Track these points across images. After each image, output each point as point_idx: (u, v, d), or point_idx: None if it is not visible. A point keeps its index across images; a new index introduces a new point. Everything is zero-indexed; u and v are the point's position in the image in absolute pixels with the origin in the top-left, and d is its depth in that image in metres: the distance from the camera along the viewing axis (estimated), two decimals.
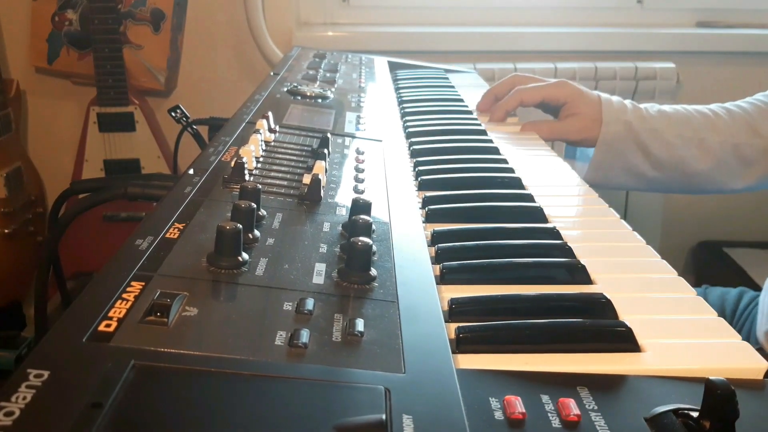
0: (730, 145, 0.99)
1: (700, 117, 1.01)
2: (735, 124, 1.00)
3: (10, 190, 1.67)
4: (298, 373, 0.36)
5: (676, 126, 0.99)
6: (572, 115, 1.02)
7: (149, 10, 1.73)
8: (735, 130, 0.99)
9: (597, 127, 0.99)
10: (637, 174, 1.01)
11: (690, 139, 0.99)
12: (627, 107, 1.00)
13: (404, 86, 1.23)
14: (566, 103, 1.02)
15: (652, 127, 0.99)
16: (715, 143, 0.99)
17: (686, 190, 1.07)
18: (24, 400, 0.31)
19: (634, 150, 0.99)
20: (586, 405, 0.37)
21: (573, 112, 1.02)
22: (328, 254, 0.50)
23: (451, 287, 0.52)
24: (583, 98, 1.01)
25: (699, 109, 1.02)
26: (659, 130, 0.99)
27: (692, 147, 0.99)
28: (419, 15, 1.89)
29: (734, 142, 0.99)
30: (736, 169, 1.00)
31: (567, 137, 1.03)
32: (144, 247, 0.47)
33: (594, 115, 0.99)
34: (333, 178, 0.68)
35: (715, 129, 0.99)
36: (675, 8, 1.94)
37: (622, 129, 0.98)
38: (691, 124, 1.00)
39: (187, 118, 1.07)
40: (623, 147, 0.99)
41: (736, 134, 0.99)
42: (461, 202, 0.68)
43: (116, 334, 0.37)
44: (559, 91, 1.03)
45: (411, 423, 0.33)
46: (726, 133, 0.99)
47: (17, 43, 1.80)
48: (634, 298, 0.51)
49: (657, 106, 1.02)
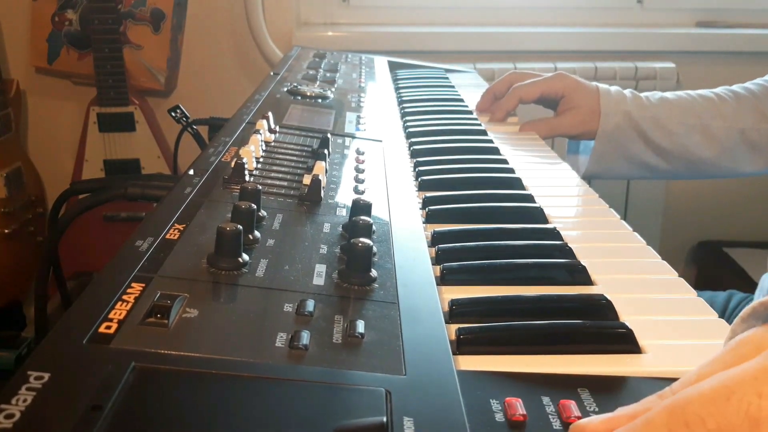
0: (737, 131, 0.97)
1: (704, 102, 0.99)
2: (741, 107, 0.98)
3: (10, 190, 1.67)
4: (298, 375, 0.36)
5: (678, 113, 0.98)
6: (570, 109, 1.01)
7: (149, 10, 1.73)
8: (741, 114, 0.98)
9: (596, 119, 0.98)
10: (640, 163, 1.00)
11: (693, 126, 0.97)
12: (626, 96, 0.99)
13: (404, 86, 1.23)
14: (564, 96, 1.02)
15: (653, 116, 0.98)
16: (720, 129, 0.97)
17: (693, 176, 1.05)
18: (24, 403, 0.31)
19: (635, 139, 0.98)
20: (587, 407, 0.37)
21: (571, 105, 1.01)
22: (329, 255, 0.50)
23: (451, 288, 0.52)
24: (580, 90, 1.01)
25: (703, 93, 1.01)
26: (660, 118, 0.98)
27: (696, 134, 0.98)
28: (419, 15, 1.89)
29: (740, 127, 0.97)
30: (744, 155, 0.99)
31: (566, 132, 1.02)
32: (144, 248, 0.47)
33: (592, 106, 0.99)
34: (333, 178, 0.68)
35: (720, 114, 0.98)
36: (675, 8, 1.94)
37: (621, 119, 0.98)
38: (694, 111, 0.98)
39: (187, 118, 1.07)
40: (624, 137, 0.98)
41: (743, 119, 0.97)
42: (461, 203, 0.68)
43: (116, 335, 0.37)
44: (557, 84, 1.02)
45: (412, 425, 0.33)
46: (732, 118, 0.97)
47: (17, 43, 1.80)
48: (634, 299, 0.51)
49: (659, 94, 1.01)
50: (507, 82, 1.07)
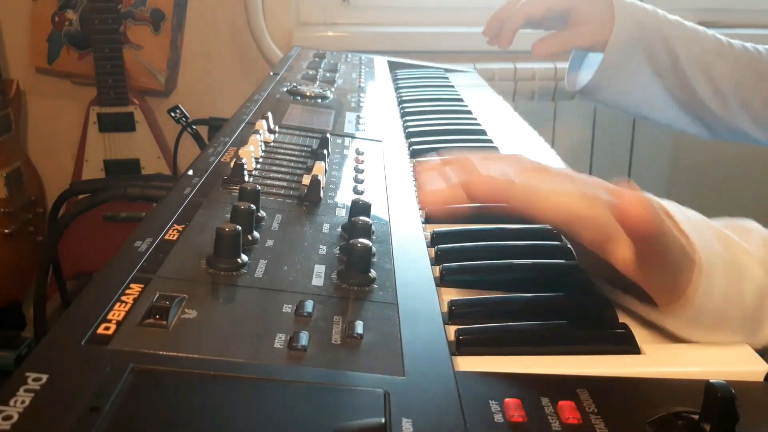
0: (734, 81, 0.96)
1: (715, 42, 0.98)
2: (745, 62, 0.97)
3: (10, 190, 1.67)
4: (297, 376, 0.36)
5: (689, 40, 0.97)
6: (581, 21, 0.99)
7: (149, 10, 1.73)
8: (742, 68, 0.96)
9: (609, 28, 0.96)
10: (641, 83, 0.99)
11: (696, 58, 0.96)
12: (642, 6, 0.98)
13: (404, 86, 1.23)
14: (573, 9, 0.99)
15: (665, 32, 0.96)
16: (719, 73, 0.96)
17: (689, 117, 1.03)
18: (22, 404, 0.31)
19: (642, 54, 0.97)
20: (587, 408, 0.37)
21: (581, 18, 0.99)
22: (328, 256, 0.50)
23: (450, 289, 0.52)
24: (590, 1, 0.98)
25: (719, 36, 0.99)
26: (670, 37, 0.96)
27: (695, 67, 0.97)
28: (419, 15, 1.89)
29: (738, 78, 0.96)
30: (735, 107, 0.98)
31: (579, 44, 1.00)
32: (143, 248, 0.47)
33: (604, 16, 0.97)
34: (332, 178, 0.67)
35: (724, 58, 0.97)
36: (675, 8, 1.93)
37: (635, 30, 0.96)
38: (702, 45, 0.97)
39: (186, 119, 1.08)
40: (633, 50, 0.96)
41: (741, 72, 0.96)
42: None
43: (115, 337, 0.37)
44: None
45: (410, 426, 0.33)
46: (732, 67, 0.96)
47: (17, 43, 1.80)
48: None
49: (676, 17, 1.00)
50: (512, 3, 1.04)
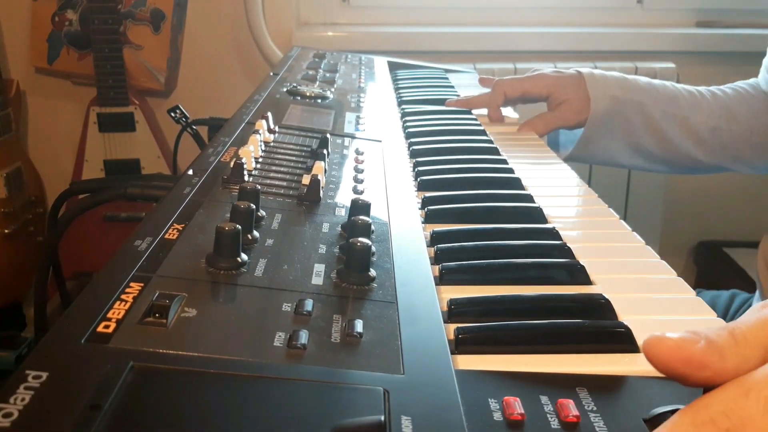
0: (711, 128, 1.00)
1: (687, 96, 1.01)
2: (717, 107, 1.01)
3: (10, 190, 1.67)
4: (296, 375, 0.36)
5: (663, 101, 1.00)
6: (561, 103, 1.01)
7: (149, 10, 1.73)
8: (716, 113, 1.01)
9: (587, 104, 0.99)
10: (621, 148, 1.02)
11: (674, 116, 1.00)
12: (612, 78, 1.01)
13: (404, 86, 1.23)
14: (550, 95, 1.02)
15: (639, 101, 0.99)
16: (697, 123, 1.00)
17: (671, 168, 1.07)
18: (22, 402, 0.31)
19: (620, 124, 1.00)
20: (585, 406, 0.37)
21: (560, 100, 1.01)
22: (327, 255, 0.50)
23: (450, 288, 0.52)
24: (564, 84, 1.01)
25: (687, 88, 1.03)
26: (645, 104, 0.99)
27: (675, 125, 1.00)
28: (419, 15, 1.89)
29: (714, 125, 1.00)
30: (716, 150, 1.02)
31: (565, 124, 1.03)
32: (143, 247, 0.47)
33: (581, 95, 1.00)
34: (332, 178, 0.68)
35: (699, 109, 1.00)
36: (675, 8, 1.94)
37: (609, 103, 0.99)
38: (677, 102, 1.00)
39: (186, 119, 1.08)
40: (610, 121, 1.00)
41: (717, 117, 1.00)
42: (461, 203, 0.68)
43: (115, 335, 0.37)
44: (539, 83, 1.03)
45: (410, 424, 0.33)
46: (707, 114, 1.00)
47: (17, 43, 1.80)
48: (633, 298, 0.51)
49: (646, 79, 1.02)
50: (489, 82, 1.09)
